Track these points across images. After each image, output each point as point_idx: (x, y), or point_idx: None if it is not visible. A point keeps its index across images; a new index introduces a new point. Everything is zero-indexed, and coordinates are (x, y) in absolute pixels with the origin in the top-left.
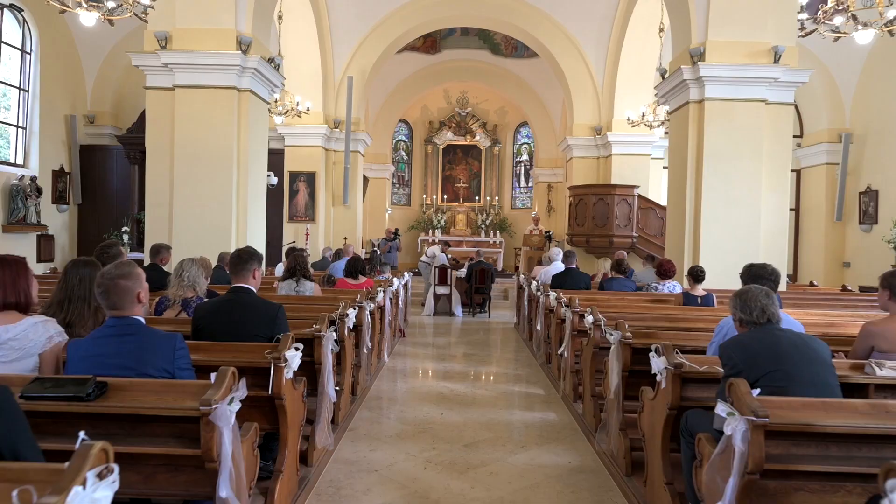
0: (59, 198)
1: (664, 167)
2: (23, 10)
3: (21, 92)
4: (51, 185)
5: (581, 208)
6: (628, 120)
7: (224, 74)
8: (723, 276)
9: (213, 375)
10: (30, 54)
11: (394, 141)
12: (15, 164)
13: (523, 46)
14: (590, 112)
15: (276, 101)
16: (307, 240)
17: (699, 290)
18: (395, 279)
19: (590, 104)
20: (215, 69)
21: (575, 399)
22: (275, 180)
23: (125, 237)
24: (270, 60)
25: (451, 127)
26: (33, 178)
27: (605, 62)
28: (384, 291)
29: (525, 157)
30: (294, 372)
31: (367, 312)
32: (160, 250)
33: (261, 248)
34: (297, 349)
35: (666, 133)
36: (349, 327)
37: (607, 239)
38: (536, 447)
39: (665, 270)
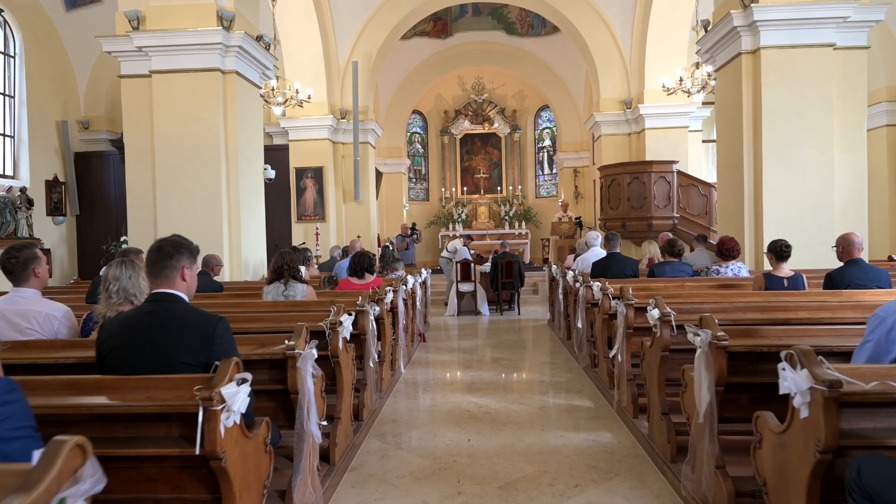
0: (55, 209)
1: (704, 140)
2: (3, 11)
3: (6, 98)
4: (44, 196)
5: (614, 190)
6: (663, 87)
7: (205, 55)
8: (794, 255)
9: (36, 454)
10: (13, 58)
11: (408, 133)
12: (3, 175)
13: (540, 24)
14: (618, 85)
15: (272, 90)
16: (318, 240)
17: (785, 270)
18: (409, 277)
19: (617, 76)
20: (195, 49)
21: (635, 414)
22: (272, 174)
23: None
24: (259, 39)
25: (468, 115)
26: (23, 189)
27: (632, 28)
28: (395, 291)
29: (547, 142)
30: (242, 415)
31: (372, 317)
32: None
33: (261, 250)
34: (242, 381)
35: (705, 103)
36: (345, 338)
37: (646, 221)
38: (594, 486)
39: (728, 250)
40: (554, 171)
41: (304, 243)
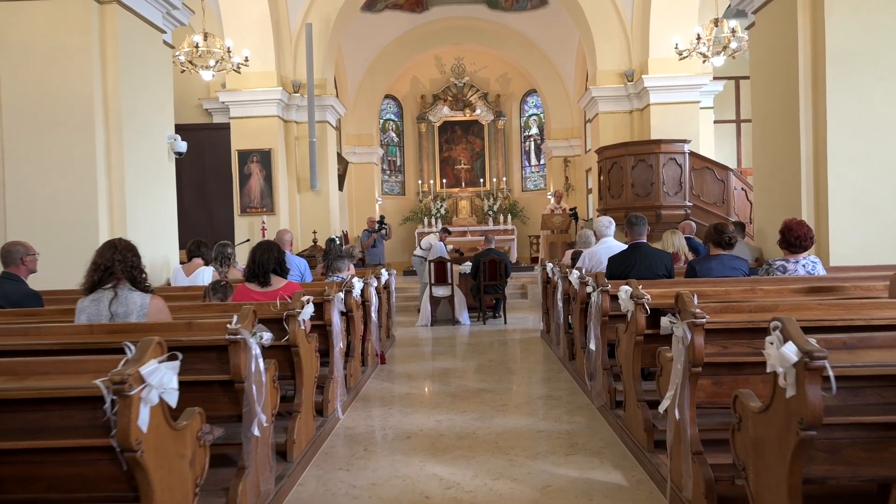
0: None
1: (716, 121)
2: None
3: None
4: None
5: (615, 175)
6: (676, 48)
7: None
8: (870, 247)
9: None
10: None
11: (381, 121)
12: None
13: None
14: (617, 54)
15: (196, 48)
16: (264, 236)
17: None
18: (356, 280)
19: (617, 44)
20: None
21: None
22: (182, 146)
23: None
24: None
25: (447, 101)
26: None
27: None
28: (327, 301)
29: (534, 129)
30: None
31: (256, 354)
32: None
33: (169, 248)
34: None
35: (716, 78)
36: (158, 404)
37: (654, 211)
38: None
39: (798, 238)
40: (542, 161)
41: (248, 241)
